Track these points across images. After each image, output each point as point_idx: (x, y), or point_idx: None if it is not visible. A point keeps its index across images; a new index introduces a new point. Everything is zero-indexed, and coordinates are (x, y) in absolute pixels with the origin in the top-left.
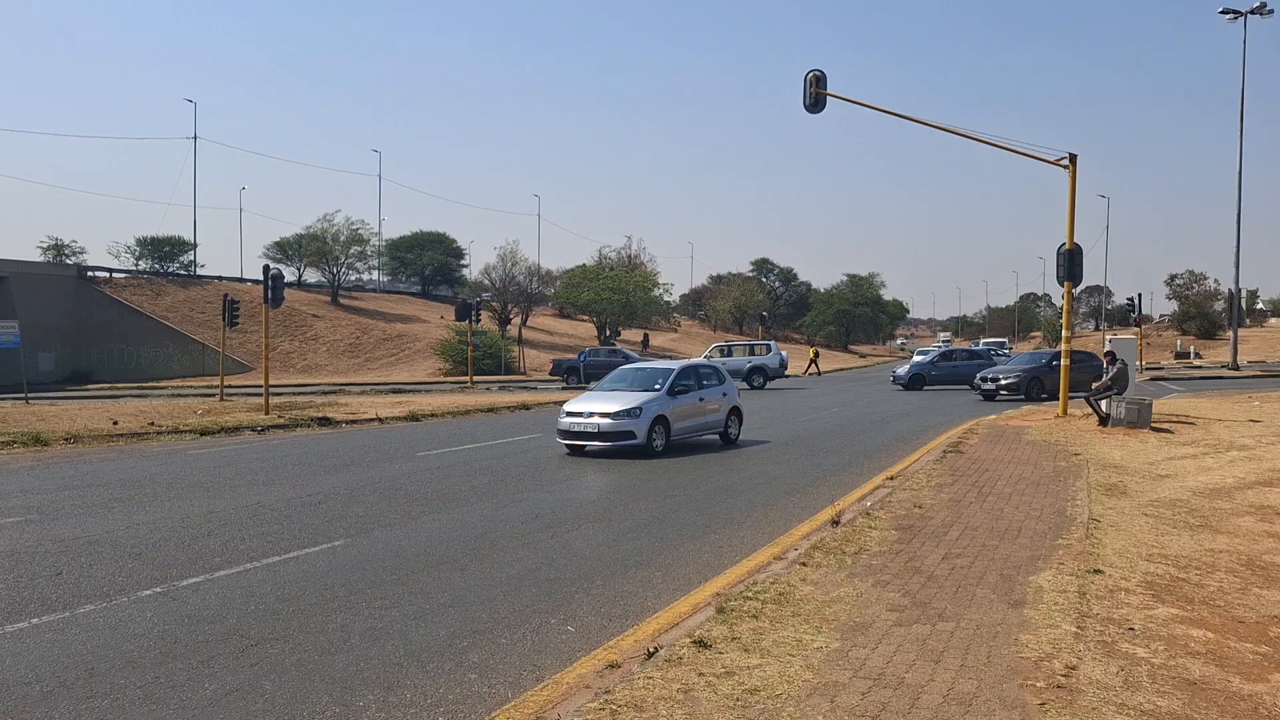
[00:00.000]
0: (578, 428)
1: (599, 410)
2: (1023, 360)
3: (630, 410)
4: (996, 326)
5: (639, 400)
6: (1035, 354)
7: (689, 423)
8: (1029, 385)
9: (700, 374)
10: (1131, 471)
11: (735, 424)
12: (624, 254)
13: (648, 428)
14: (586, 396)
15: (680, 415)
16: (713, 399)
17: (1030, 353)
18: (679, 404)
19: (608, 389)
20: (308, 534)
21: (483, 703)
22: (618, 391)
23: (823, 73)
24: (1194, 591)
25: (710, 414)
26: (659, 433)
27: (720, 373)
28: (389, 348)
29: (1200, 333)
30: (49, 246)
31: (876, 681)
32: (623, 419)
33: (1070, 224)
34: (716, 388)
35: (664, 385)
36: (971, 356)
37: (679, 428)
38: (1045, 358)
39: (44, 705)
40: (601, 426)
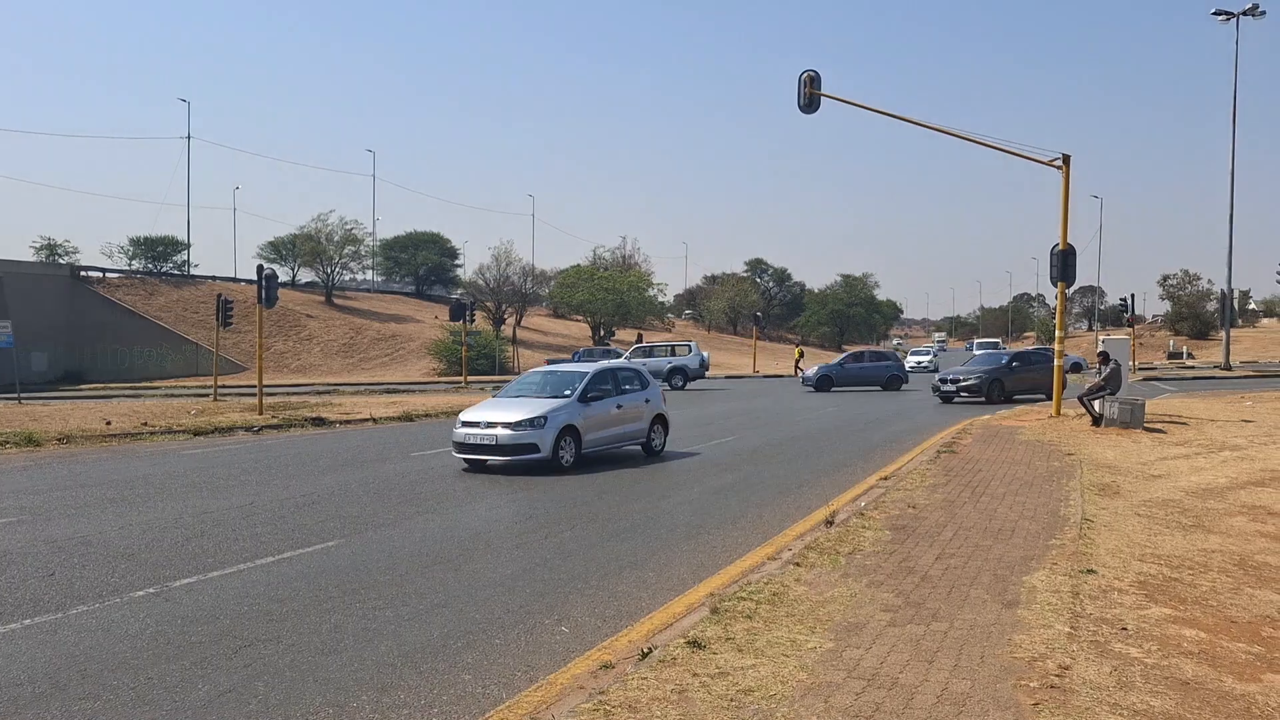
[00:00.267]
0: (474, 439)
1: (499, 419)
2: (982, 361)
3: (534, 419)
4: (990, 327)
5: (545, 408)
6: (994, 354)
7: (605, 433)
8: (990, 387)
9: (619, 378)
10: (1125, 472)
11: (660, 434)
12: (618, 254)
13: (554, 439)
14: (487, 404)
15: (594, 424)
16: (633, 406)
17: (990, 352)
18: (592, 412)
19: (513, 395)
20: (301, 534)
21: (477, 703)
22: (524, 398)
23: (817, 73)
24: (1187, 591)
25: (630, 423)
26: (567, 445)
27: (643, 376)
28: (383, 348)
29: (1193, 333)
30: (42, 246)
31: (870, 682)
32: (524, 429)
33: (1064, 225)
34: (637, 393)
35: (575, 391)
36: (878, 358)
37: (593, 439)
38: (1005, 358)
39: (36, 706)
40: (500, 438)
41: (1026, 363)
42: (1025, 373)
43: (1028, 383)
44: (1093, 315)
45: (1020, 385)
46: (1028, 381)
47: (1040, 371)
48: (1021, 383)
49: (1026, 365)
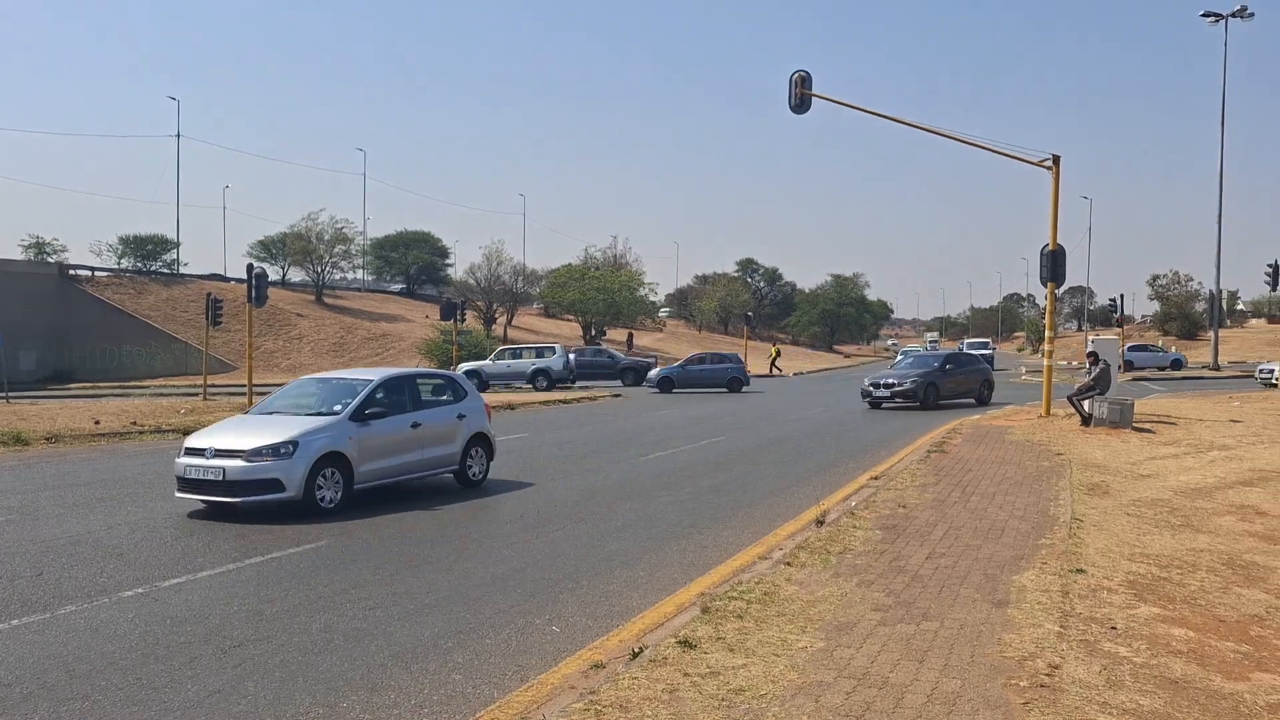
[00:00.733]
0: (195, 474)
1: (233, 446)
2: (915, 364)
3: (278, 446)
4: (980, 327)
5: (297, 430)
6: (926, 356)
7: (392, 461)
8: (925, 391)
9: (417, 388)
10: (1114, 471)
11: (479, 459)
12: (609, 253)
13: (305, 473)
14: (228, 423)
15: (374, 450)
16: (439, 424)
17: (921, 355)
18: (373, 433)
19: (269, 411)
20: (291, 534)
21: (467, 703)
22: (280, 416)
23: (808, 73)
24: (1176, 591)
25: (435, 445)
26: (331, 480)
27: (458, 385)
28: (373, 347)
29: (1182, 333)
30: (30, 244)
31: (861, 681)
32: (263, 461)
33: (1053, 225)
34: (445, 408)
35: (349, 406)
36: (719, 360)
37: (372, 469)
38: (939, 360)
39: (24, 707)
40: (229, 472)
41: (959, 365)
42: (959, 375)
43: (962, 386)
44: (1082, 315)
45: (955, 389)
46: (962, 385)
47: (966, 375)
48: (957, 386)
49: (960, 368)
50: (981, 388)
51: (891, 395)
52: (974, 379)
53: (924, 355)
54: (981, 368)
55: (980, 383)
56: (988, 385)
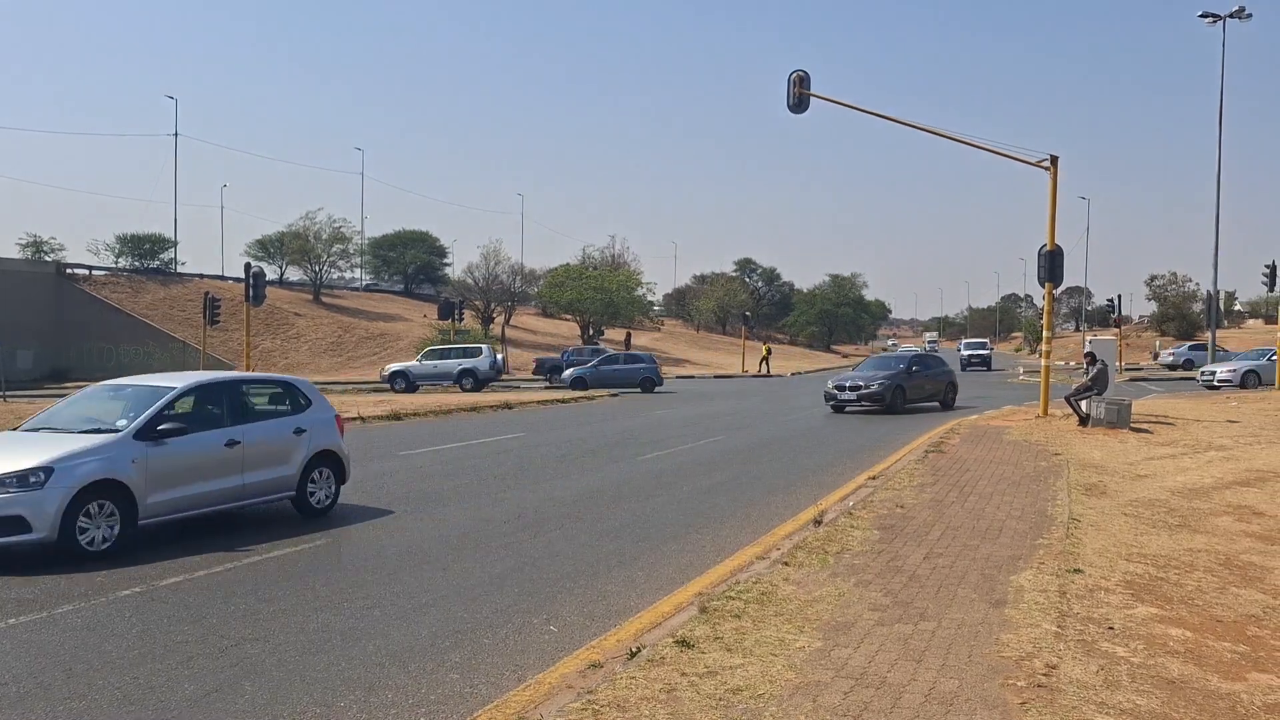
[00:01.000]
0: None
1: None
2: (879, 365)
3: (25, 475)
4: (978, 327)
5: (59, 452)
6: (887, 358)
7: (199, 488)
8: (893, 395)
9: (241, 398)
10: (1111, 471)
11: (326, 482)
12: (607, 253)
13: (61, 507)
14: None
15: (172, 475)
16: (268, 441)
17: (881, 356)
18: (168, 455)
19: (34, 428)
20: (287, 532)
21: (465, 703)
22: (46, 433)
23: (806, 73)
24: (1173, 591)
25: (260, 468)
26: (101, 515)
27: (298, 393)
28: (371, 346)
29: (1179, 334)
30: (28, 243)
31: (859, 681)
32: (5, 493)
33: (1051, 225)
34: (278, 421)
35: (137, 420)
36: (632, 360)
37: (167, 500)
38: (905, 362)
39: (21, 706)
40: None
41: (926, 367)
42: (925, 378)
43: (928, 389)
44: (1080, 316)
45: (921, 393)
46: (928, 389)
47: (929, 379)
48: (923, 389)
49: (925, 370)
50: (946, 391)
51: (858, 397)
52: (939, 382)
53: (884, 357)
54: (946, 370)
55: (945, 386)
56: (952, 389)
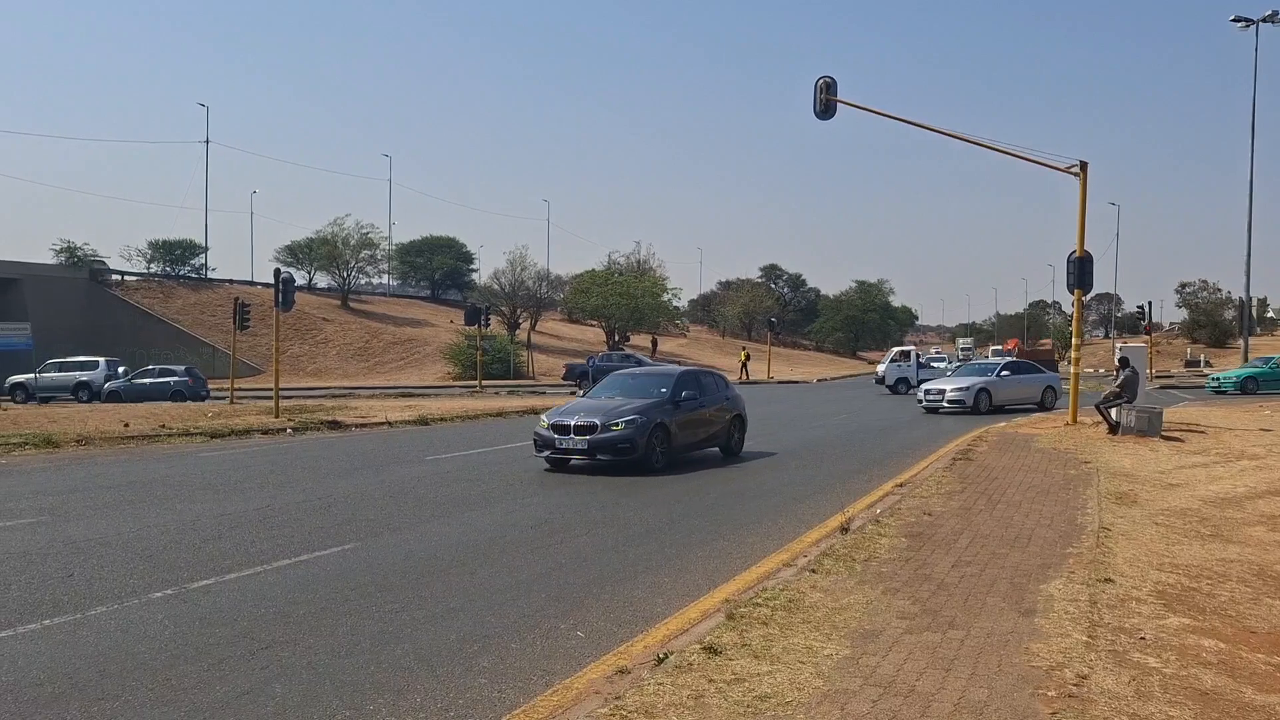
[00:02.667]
0: None
1: None
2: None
3: None
4: (1005, 334)
5: None
6: (982, 365)
7: None
8: (976, 398)
9: None
10: (1142, 480)
11: None
12: (633, 259)
13: None
14: None
15: None
16: None
17: (976, 363)
18: None
19: None
20: (318, 537)
21: (493, 707)
22: None
23: (833, 79)
24: (1205, 601)
25: None
26: None
27: None
28: (398, 351)
29: (1211, 341)
30: (62, 249)
31: (887, 689)
32: None
33: (1081, 232)
34: None
35: None
36: None
37: None
38: (995, 370)
39: (55, 706)
40: None
41: (1018, 372)
42: (1017, 385)
43: (1020, 395)
44: (1109, 323)
45: (1011, 396)
46: (1021, 393)
47: (1028, 384)
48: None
49: (1017, 375)
50: (1045, 394)
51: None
52: (1035, 386)
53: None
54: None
55: (1044, 389)
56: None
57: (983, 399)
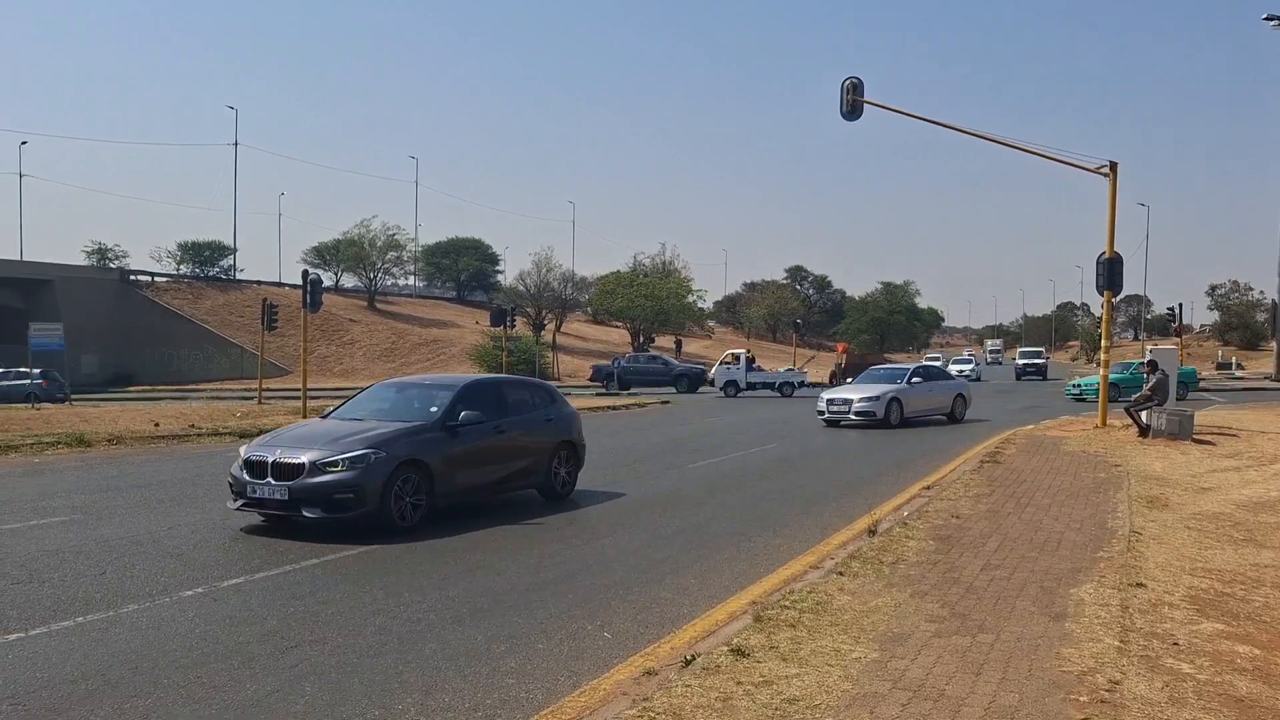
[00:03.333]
0: None
1: None
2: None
3: None
4: (1033, 335)
5: None
6: (893, 370)
7: None
8: None
9: None
10: (1173, 484)
11: None
12: (658, 260)
13: None
14: None
15: None
16: None
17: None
18: None
19: None
20: (345, 537)
21: (520, 708)
22: None
23: (859, 80)
24: (1239, 606)
25: None
26: None
27: None
28: (424, 352)
29: (1242, 343)
30: (93, 251)
31: (916, 693)
32: None
33: (1110, 233)
34: None
35: None
36: None
37: None
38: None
39: (89, 703)
40: None
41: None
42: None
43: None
44: (1139, 325)
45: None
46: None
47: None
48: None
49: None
50: (955, 404)
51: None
52: (948, 395)
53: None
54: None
55: (954, 398)
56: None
57: (894, 410)
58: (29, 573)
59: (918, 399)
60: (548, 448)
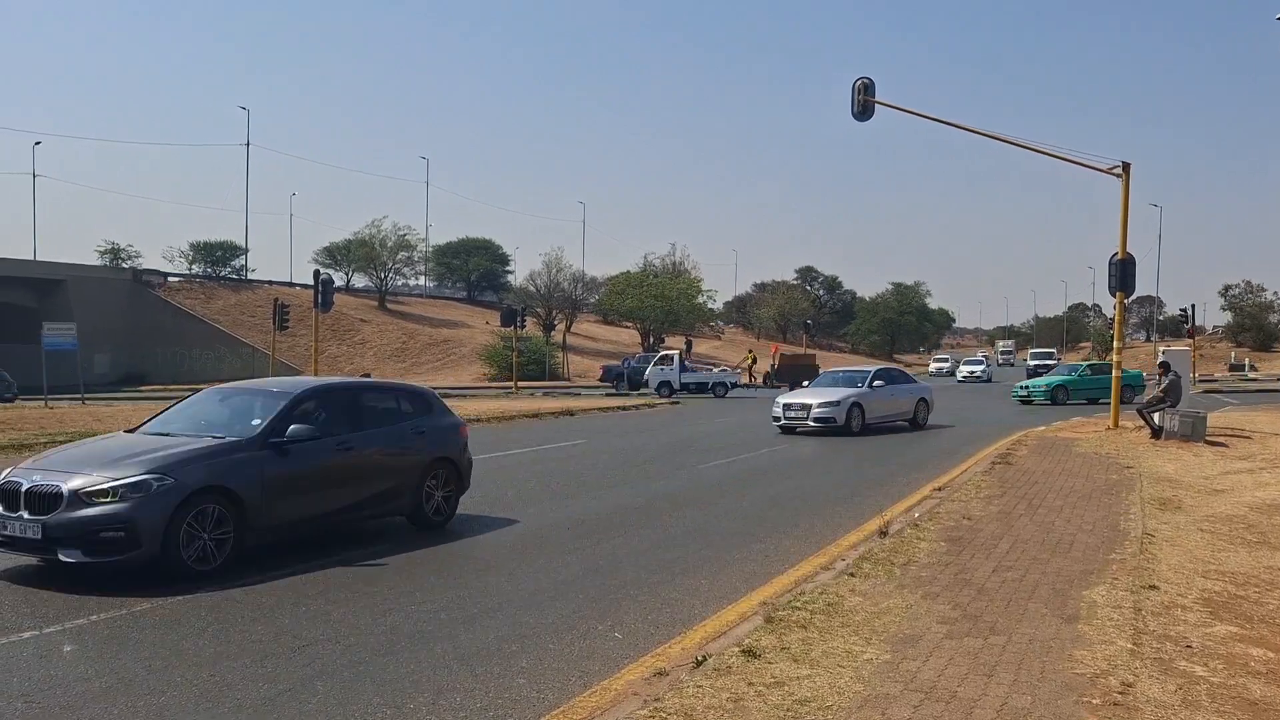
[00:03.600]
0: None
1: None
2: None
3: None
4: (1045, 336)
5: None
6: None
7: None
8: None
9: None
10: (1186, 486)
11: None
12: (668, 260)
13: None
14: None
15: None
16: None
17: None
18: None
19: None
20: (354, 538)
21: (531, 707)
22: None
23: (870, 80)
24: (1253, 609)
25: None
26: None
27: None
28: (435, 352)
29: (1255, 344)
30: (106, 250)
31: (928, 695)
32: None
33: (1123, 234)
34: None
35: None
36: None
37: None
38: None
39: (104, 700)
40: None
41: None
42: None
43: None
44: (1151, 326)
45: None
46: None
47: None
48: None
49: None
50: (917, 409)
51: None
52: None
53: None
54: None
55: (916, 403)
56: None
57: (855, 415)
58: None
59: (879, 404)
60: (417, 466)
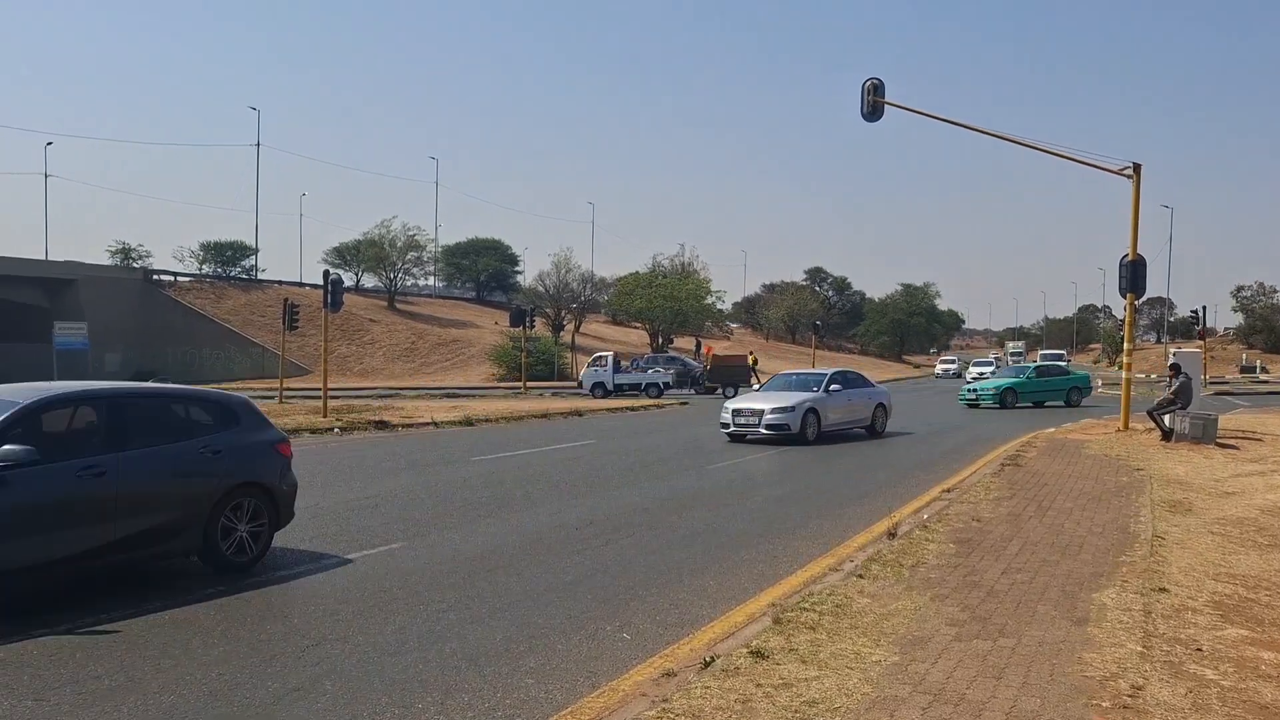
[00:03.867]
0: None
1: None
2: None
3: None
4: (1055, 338)
5: None
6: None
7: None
8: None
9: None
10: (1197, 488)
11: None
12: (677, 261)
13: None
14: None
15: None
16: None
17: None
18: None
19: None
20: (366, 536)
21: (539, 708)
22: None
23: (880, 81)
24: (1264, 613)
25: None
26: None
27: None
28: (444, 353)
29: (1267, 346)
30: (117, 250)
31: (936, 697)
32: None
33: (1134, 235)
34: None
35: None
36: None
37: None
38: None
39: (114, 699)
40: None
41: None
42: None
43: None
44: (1161, 327)
45: None
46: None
47: None
48: None
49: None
50: (875, 414)
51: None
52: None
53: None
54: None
55: (874, 408)
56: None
57: (810, 422)
58: None
59: (836, 410)
60: (208, 494)
